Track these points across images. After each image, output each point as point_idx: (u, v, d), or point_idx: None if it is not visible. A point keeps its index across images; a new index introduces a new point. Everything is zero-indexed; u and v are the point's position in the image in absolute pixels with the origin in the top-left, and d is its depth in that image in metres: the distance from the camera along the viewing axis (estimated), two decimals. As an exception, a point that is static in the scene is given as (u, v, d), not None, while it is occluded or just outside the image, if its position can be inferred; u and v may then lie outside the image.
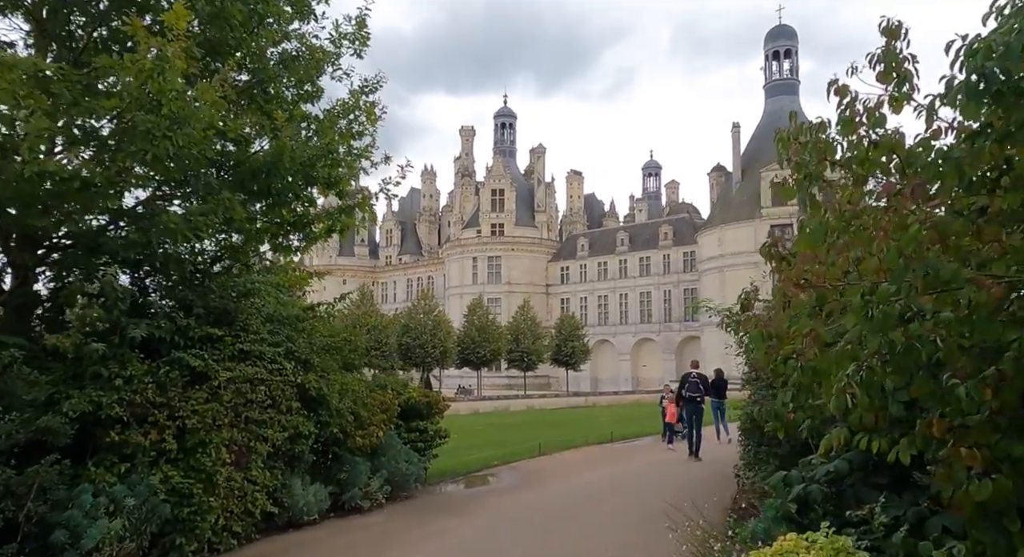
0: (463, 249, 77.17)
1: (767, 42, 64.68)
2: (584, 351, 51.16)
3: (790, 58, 64.36)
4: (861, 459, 3.74)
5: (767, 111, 63.92)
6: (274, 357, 6.70)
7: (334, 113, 7.52)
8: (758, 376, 7.52)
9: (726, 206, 60.98)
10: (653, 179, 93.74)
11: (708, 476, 10.44)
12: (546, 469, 11.40)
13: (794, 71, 64.64)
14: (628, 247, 71.61)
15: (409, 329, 41.38)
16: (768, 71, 64.47)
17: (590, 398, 39.29)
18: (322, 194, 8.53)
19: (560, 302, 74.54)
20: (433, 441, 10.13)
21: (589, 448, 14.58)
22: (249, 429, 6.32)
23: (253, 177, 6.70)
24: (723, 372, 15.19)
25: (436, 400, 10.25)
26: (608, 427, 20.15)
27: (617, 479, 10.23)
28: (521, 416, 27.79)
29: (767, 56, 64.50)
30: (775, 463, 6.33)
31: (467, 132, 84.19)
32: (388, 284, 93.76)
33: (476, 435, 18.77)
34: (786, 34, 64.44)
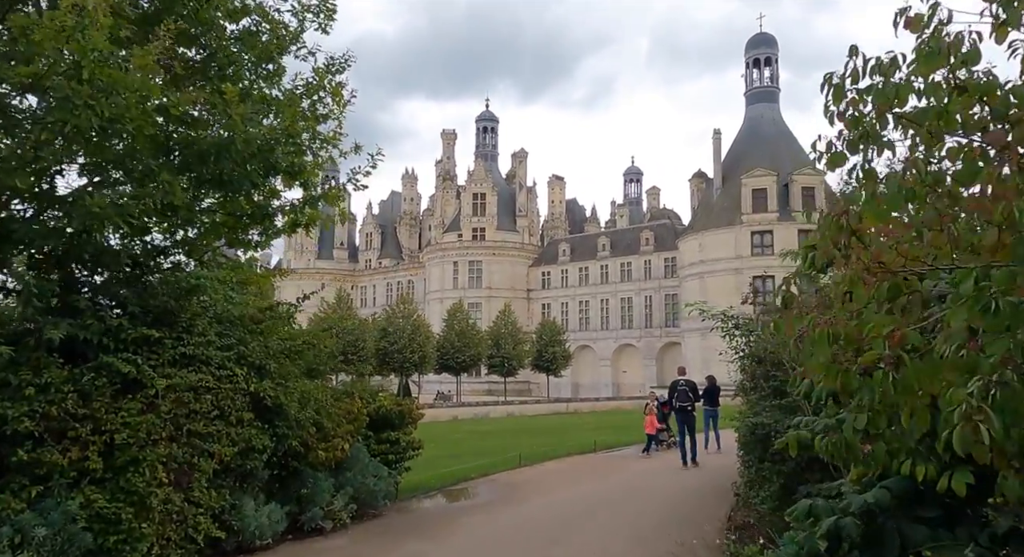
0: (444, 253, 76.43)
1: (748, 50, 65.06)
2: (565, 356, 50.63)
3: (770, 66, 64.76)
4: (902, 487, 3.14)
5: (747, 118, 64.25)
6: (223, 362, 5.96)
7: (295, 93, 6.81)
8: (755, 385, 6.95)
9: (707, 212, 61.07)
10: (634, 185, 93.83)
11: (701, 488, 9.85)
12: (527, 482, 10.72)
13: (774, 79, 65.03)
14: (609, 252, 71.41)
15: (387, 333, 40.47)
16: (748, 79, 64.80)
17: (571, 404, 38.70)
18: (286, 186, 7.82)
19: (541, 307, 74.05)
20: (406, 453, 9.40)
21: (572, 458, 13.92)
22: (192, 444, 5.57)
23: (201, 161, 5.96)
24: (715, 379, 14.68)
25: (410, 408, 9.53)
26: (591, 435, 19.51)
27: (604, 493, 9.59)
28: (501, 423, 27.08)
29: (747, 64, 64.86)
30: (780, 481, 5.74)
31: (449, 136, 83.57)
32: (367, 288, 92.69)
33: (454, 444, 18.04)
34: (766, 42, 64.87)
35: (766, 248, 57.40)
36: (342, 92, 7.10)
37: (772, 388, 6.30)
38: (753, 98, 63.75)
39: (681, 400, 12.92)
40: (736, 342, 7.49)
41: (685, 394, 13.02)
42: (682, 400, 12.92)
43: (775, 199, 57.53)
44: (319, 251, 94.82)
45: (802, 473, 5.82)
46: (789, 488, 5.75)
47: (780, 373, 6.45)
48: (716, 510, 8.12)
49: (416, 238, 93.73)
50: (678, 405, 12.94)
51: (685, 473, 11.68)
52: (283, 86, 6.68)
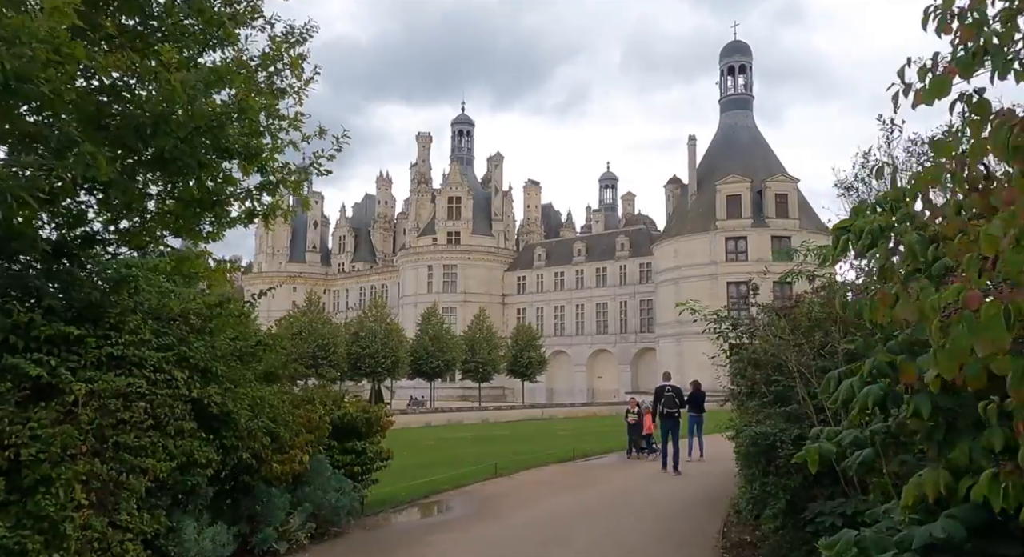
0: (418, 257, 75.54)
1: (722, 57, 65.64)
2: (541, 362, 50.08)
3: (744, 74, 65.42)
4: (974, 517, 2.58)
5: (722, 125, 64.75)
6: (160, 364, 5.21)
7: (249, 63, 6.09)
8: (754, 390, 6.41)
9: (682, 218, 61.27)
10: (610, 191, 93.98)
11: (690, 501, 9.29)
12: (504, 494, 10.05)
13: (748, 87, 65.68)
14: (585, 258, 71.23)
15: (359, 337, 39.46)
16: (723, 86, 65.36)
17: (547, 410, 38.10)
18: (245, 173, 7.09)
19: (516, 312, 73.51)
20: (373, 464, 8.68)
21: (550, 467, 13.29)
22: (120, 459, 4.82)
23: (137, 135, 5.23)
24: (700, 384, 14.23)
25: (378, 416, 8.81)
26: (568, 442, 18.92)
27: (587, 506, 8.97)
28: (476, 429, 26.34)
29: (722, 71, 65.43)
30: (786, 497, 5.18)
31: (424, 139, 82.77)
32: (340, 292, 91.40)
33: (426, 452, 17.28)
34: (740, 50, 65.51)
35: (740, 254, 57.77)
36: (302, 65, 6.40)
37: (775, 394, 5.76)
38: (728, 105, 64.25)
39: (668, 406, 12.63)
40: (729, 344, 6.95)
41: (671, 400, 12.72)
42: (668, 406, 12.64)
43: (749, 206, 57.94)
44: (291, 254, 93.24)
45: (810, 488, 5.28)
46: (796, 505, 5.20)
47: (782, 377, 5.91)
48: (708, 526, 7.56)
49: (390, 242, 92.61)
50: (664, 411, 12.62)
51: (671, 483, 11.12)
52: (237, 51, 5.94)
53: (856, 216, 3.35)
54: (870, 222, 3.13)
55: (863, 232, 3.12)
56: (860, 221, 3.20)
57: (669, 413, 12.75)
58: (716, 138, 64.47)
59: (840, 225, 3.36)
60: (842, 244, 3.22)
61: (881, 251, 2.66)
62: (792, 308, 6.01)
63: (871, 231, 2.97)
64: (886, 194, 3.20)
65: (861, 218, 3.25)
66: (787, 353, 5.56)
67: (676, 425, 12.81)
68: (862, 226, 3.16)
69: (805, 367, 5.42)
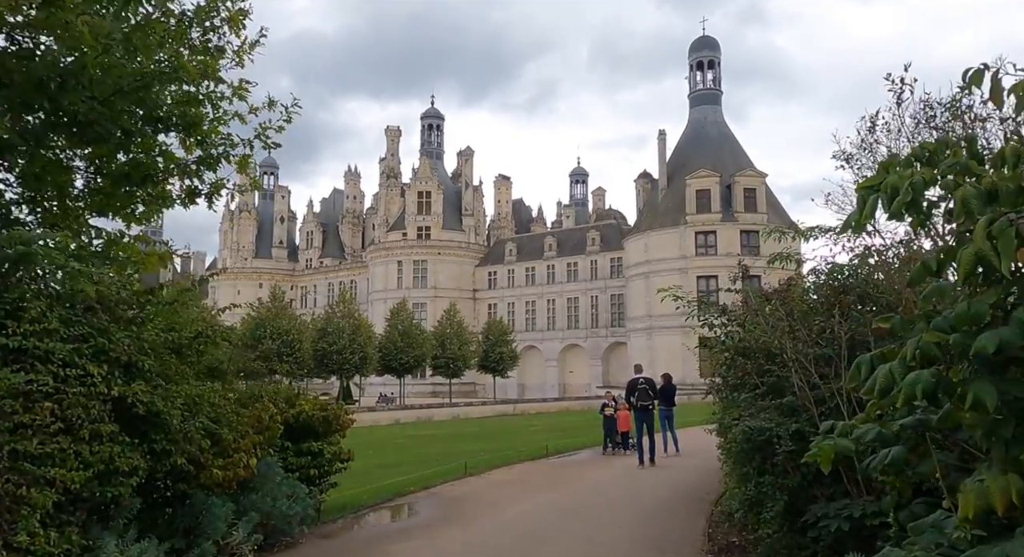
0: (388, 252, 74.44)
1: (691, 52, 65.91)
2: (512, 357, 49.58)
3: (713, 69, 65.77)
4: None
5: (691, 120, 65.05)
6: (70, 358, 4.49)
7: (181, 17, 5.35)
8: (743, 382, 5.92)
9: (652, 213, 61.40)
10: (580, 186, 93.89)
11: (671, 498, 8.82)
12: (474, 496, 9.45)
13: (717, 82, 66.07)
14: (556, 252, 70.97)
15: (326, 334, 38.40)
16: (692, 81, 65.64)
17: (519, 406, 37.60)
18: (185, 147, 6.36)
19: (488, 308, 72.93)
20: (332, 466, 8.00)
21: (523, 465, 12.73)
22: (19, 469, 4.10)
23: (40, 90, 4.49)
24: (671, 377, 13.83)
25: (336, 414, 8.13)
26: (541, 437, 18.42)
27: (562, 508, 8.42)
28: (446, 426, 25.70)
29: (691, 66, 65.71)
30: (783, 498, 4.69)
31: (393, 132, 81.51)
32: (308, 288, 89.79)
33: (394, 450, 16.61)
34: (709, 45, 65.86)
35: (710, 248, 58.09)
36: (244, 21, 5.69)
37: (768, 385, 5.27)
38: (696, 100, 64.54)
39: (642, 399, 12.33)
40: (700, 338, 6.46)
41: (646, 393, 12.47)
42: (643, 399, 12.36)
43: (718, 200, 58.28)
44: (256, 250, 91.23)
45: (809, 488, 4.80)
46: (795, 507, 4.72)
47: (775, 367, 5.43)
48: (691, 526, 7.08)
49: (359, 237, 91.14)
50: (639, 404, 12.29)
51: (649, 480, 10.65)
52: (161, 1, 5.20)
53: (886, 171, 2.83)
54: (906, 177, 2.61)
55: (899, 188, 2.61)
56: (893, 177, 2.68)
57: (644, 406, 12.61)
58: (685, 133, 64.73)
59: (866, 184, 2.83)
60: (870, 205, 2.70)
61: (962, 197, 2.13)
62: (785, 292, 5.54)
63: (913, 185, 2.45)
64: (924, 145, 2.69)
65: (893, 174, 2.73)
66: (782, 340, 5.07)
67: (651, 418, 12.72)
68: (896, 182, 2.64)
69: (803, 355, 4.94)
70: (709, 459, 13.30)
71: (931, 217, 3.05)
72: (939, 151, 2.65)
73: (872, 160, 4.95)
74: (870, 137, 4.81)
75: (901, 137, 4.68)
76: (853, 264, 5.44)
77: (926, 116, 4.36)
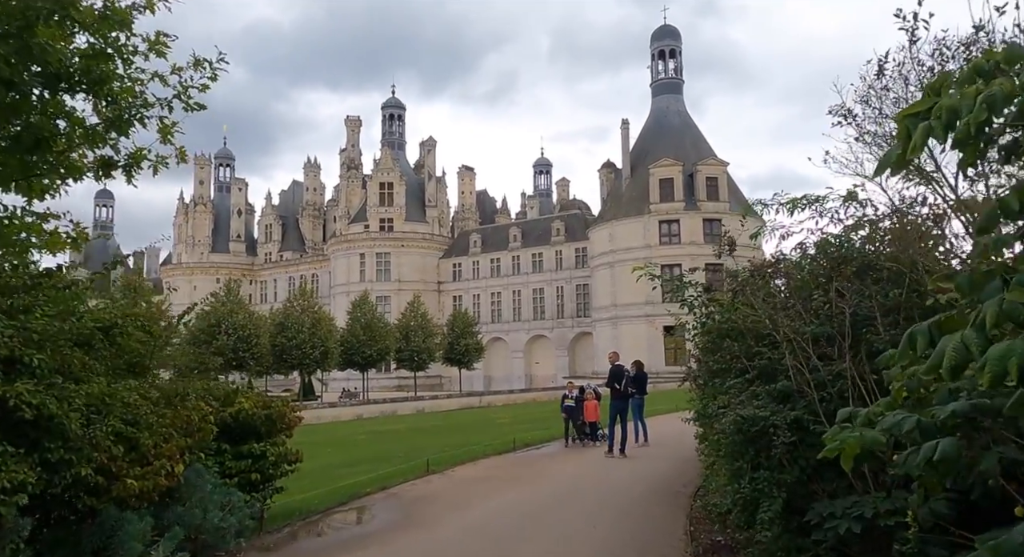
0: (350, 245, 72.92)
1: (653, 41, 65.92)
2: (478, 349, 48.93)
3: (675, 58, 65.86)
4: None
5: (654, 109, 65.11)
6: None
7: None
8: (728, 366, 5.37)
9: (616, 202, 61.36)
10: (544, 177, 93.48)
11: (646, 491, 8.29)
12: (436, 495, 8.78)
13: (679, 71, 66.23)
14: (521, 243, 70.49)
15: (284, 328, 37.10)
16: (654, 70, 65.67)
17: (484, 398, 37.02)
18: (98, 114, 5.51)
19: (452, 300, 72.10)
20: (276, 469, 7.22)
21: (489, 460, 12.10)
22: None
23: None
24: (643, 365, 13.39)
25: (281, 412, 7.35)
26: (508, 430, 17.84)
27: (532, 507, 7.80)
28: (410, 421, 24.93)
29: (653, 55, 65.73)
30: (782, 496, 4.15)
31: (353, 122, 79.76)
32: (268, 283, 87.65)
33: (354, 448, 15.83)
34: (671, 34, 65.88)
35: (673, 237, 58.27)
36: (154, -44, 4.85)
37: (759, 369, 4.73)
38: (659, 89, 64.60)
39: (629, 385, 12.25)
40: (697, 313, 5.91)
41: (631, 379, 12.33)
42: (629, 385, 12.23)
43: (681, 189, 58.49)
44: (213, 244, 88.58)
45: (808, 483, 4.27)
46: (794, 506, 4.18)
47: (766, 349, 4.89)
48: (671, 523, 6.55)
49: (320, 230, 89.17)
50: (627, 390, 12.27)
51: (621, 473, 10.12)
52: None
53: (935, 94, 2.24)
54: (970, 94, 2.02)
55: (958, 110, 2.02)
56: (947, 100, 2.08)
57: (630, 392, 12.57)
58: (648, 122, 64.78)
59: (910, 111, 2.24)
60: (920, 135, 2.10)
61: None
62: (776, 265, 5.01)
63: (990, 100, 1.86)
64: (989, 54, 2.11)
65: (946, 96, 2.14)
66: (775, 318, 4.52)
67: (627, 407, 12.55)
68: (954, 104, 2.05)
69: (799, 334, 4.40)
70: (680, 448, 12.91)
71: (987, 152, 2.48)
72: (1012, 59, 2.06)
73: (878, 111, 4.42)
74: (878, 83, 4.26)
75: (909, 87, 4.15)
76: (847, 236, 4.92)
77: (942, 57, 3.83)
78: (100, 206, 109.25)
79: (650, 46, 65.47)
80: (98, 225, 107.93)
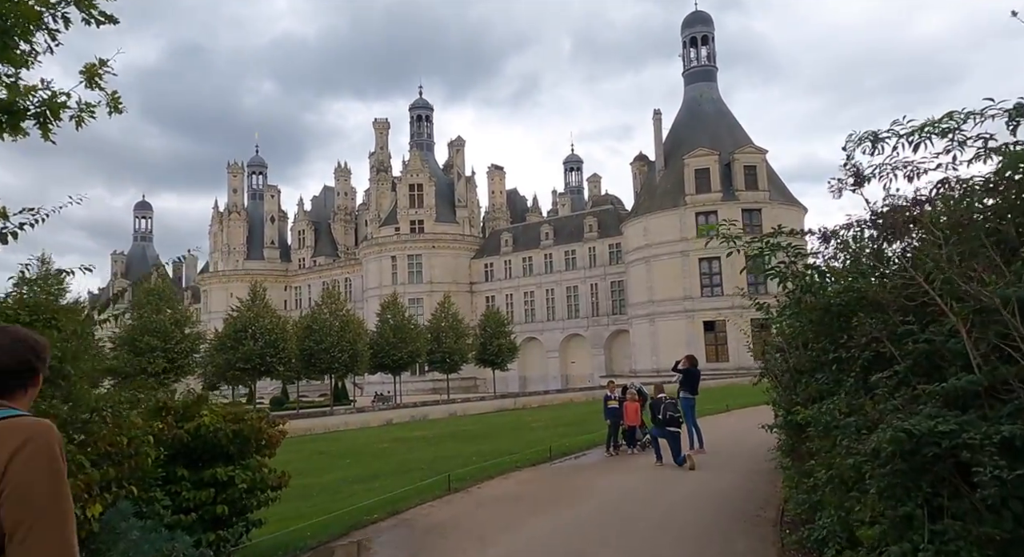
0: (381, 248, 72.28)
1: (684, 28, 63.74)
2: (511, 349, 47.34)
3: (707, 45, 63.57)
4: None
5: (687, 98, 62.90)
6: None
7: None
8: (850, 355, 3.71)
9: (650, 195, 59.23)
10: (575, 174, 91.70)
11: (715, 517, 6.61)
12: (454, 523, 7.23)
13: (712, 57, 63.95)
14: (553, 241, 68.82)
15: (312, 332, 36.12)
16: (686, 58, 63.49)
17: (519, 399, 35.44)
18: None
19: (485, 300, 70.83)
20: (250, 499, 5.78)
21: (521, 473, 10.52)
22: None
23: None
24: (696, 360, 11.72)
25: (257, 426, 5.90)
26: (543, 435, 16.26)
27: (571, 540, 6.19)
28: (440, 426, 23.52)
29: (684, 43, 63.57)
30: None
31: (381, 125, 79.26)
32: (302, 288, 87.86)
33: (373, 458, 14.43)
34: (703, 20, 63.64)
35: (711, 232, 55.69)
36: None
37: (915, 356, 3.06)
38: (691, 78, 62.36)
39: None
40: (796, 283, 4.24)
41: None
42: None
43: (718, 179, 56.18)
44: (248, 251, 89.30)
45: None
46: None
47: (918, 327, 3.22)
48: None
49: (352, 234, 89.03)
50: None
51: (680, 491, 8.39)
52: None
53: None
54: None
55: None
56: None
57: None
58: (681, 112, 62.53)
59: None
60: None
61: None
62: (932, 200, 3.34)
63: None
64: None
65: None
66: (947, 274, 2.87)
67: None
68: None
69: (991, 297, 2.73)
70: (741, 456, 11.17)
71: None
72: None
73: None
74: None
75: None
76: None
77: None
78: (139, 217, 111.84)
79: (681, 34, 63.25)
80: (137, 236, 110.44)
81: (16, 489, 1.52)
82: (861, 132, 4.20)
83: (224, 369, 33.36)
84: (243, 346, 32.84)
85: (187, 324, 30.56)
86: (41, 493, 1.55)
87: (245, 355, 32.74)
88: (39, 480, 1.55)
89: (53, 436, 1.62)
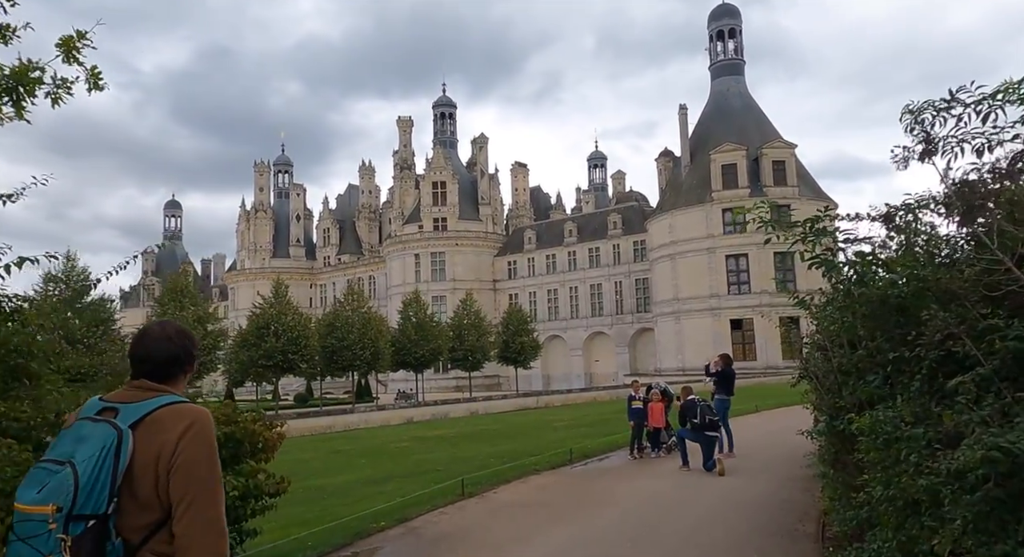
0: (404, 245, 72.32)
1: (710, 22, 62.55)
2: (534, 347, 46.84)
3: (734, 38, 62.32)
4: None
5: (713, 92, 61.73)
6: None
7: None
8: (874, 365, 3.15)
9: (676, 191, 58.17)
10: (599, 171, 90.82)
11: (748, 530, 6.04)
12: (466, 532, 6.77)
13: (739, 51, 62.67)
14: (577, 238, 68.11)
15: (334, 329, 36.03)
16: (712, 52, 62.33)
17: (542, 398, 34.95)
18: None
19: (508, 298, 70.43)
20: (244, 507, 5.37)
21: (540, 477, 10.03)
22: None
23: None
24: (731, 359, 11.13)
25: (249, 429, 5.48)
26: (564, 436, 15.76)
27: (590, 549, 5.69)
28: (460, 425, 23.14)
29: (711, 36, 62.41)
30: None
31: (405, 123, 79.30)
32: (327, 286, 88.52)
33: (389, 458, 14.07)
34: (730, 13, 62.35)
35: (738, 226, 54.50)
36: None
37: (1002, 355, 2.52)
38: (718, 72, 61.18)
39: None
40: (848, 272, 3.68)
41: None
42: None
43: (745, 174, 54.96)
44: (274, 250, 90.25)
45: None
46: None
47: (1000, 320, 2.65)
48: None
49: (376, 232, 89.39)
50: None
51: (710, 500, 7.80)
52: None
53: None
54: None
55: None
56: None
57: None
58: (707, 107, 61.33)
59: None
60: None
61: None
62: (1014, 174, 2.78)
63: None
64: None
65: None
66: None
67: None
68: None
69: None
70: (775, 461, 10.55)
71: None
72: None
73: None
74: None
75: None
76: None
77: None
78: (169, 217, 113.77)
79: (707, 27, 62.07)
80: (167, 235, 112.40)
81: (184, 464, 1.74)
82: (919, 102, 3.61)
83: (247, 366, 33.44)
84: (265, 343, 32.87)
85: (210, 321, 30.65)
86: (203, 469, 1.76)
87: (267, 352, 32.77)
88: (203, 458, 1.77)
89: (211, 421, 1.83)
